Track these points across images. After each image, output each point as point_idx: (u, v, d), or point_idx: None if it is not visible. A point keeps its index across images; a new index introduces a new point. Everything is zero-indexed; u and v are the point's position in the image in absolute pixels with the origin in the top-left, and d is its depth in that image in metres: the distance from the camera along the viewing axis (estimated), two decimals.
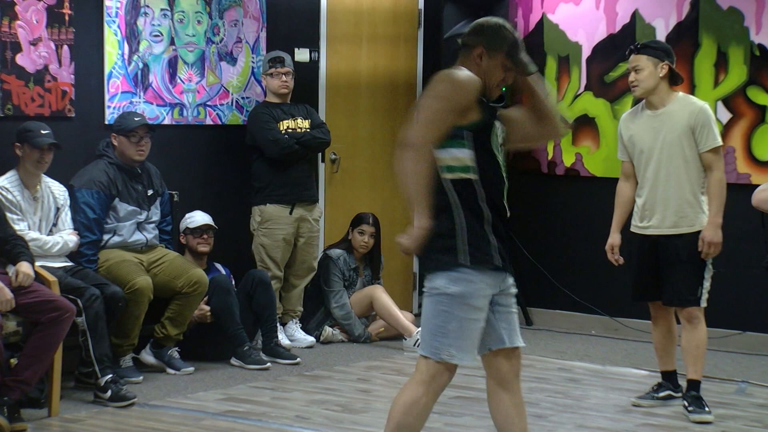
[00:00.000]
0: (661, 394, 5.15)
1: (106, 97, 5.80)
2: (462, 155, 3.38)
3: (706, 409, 4.90)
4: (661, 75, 4.94)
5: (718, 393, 5.35)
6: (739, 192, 6.39)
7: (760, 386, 5.57)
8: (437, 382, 3.46)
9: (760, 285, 5.80)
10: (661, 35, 6.59)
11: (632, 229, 5.09)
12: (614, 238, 5.15)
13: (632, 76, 4.97)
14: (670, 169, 4.94)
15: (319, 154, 6.69)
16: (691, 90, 6.46)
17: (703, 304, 4.94)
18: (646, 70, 4.93)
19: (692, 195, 4.93)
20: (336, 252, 6.54)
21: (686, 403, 4.95)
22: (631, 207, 5.10)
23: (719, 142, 4.93)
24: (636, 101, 5.20)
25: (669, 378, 5.17)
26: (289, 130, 6.25)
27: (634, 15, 6.72)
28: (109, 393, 5.00)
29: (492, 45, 3.45)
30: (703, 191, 4.94)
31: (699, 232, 4.92)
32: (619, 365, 6.05)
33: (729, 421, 4.91)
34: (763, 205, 3.27)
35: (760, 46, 6.34)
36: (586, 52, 6.89)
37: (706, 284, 4.93)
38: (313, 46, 6.77)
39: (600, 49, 6.85)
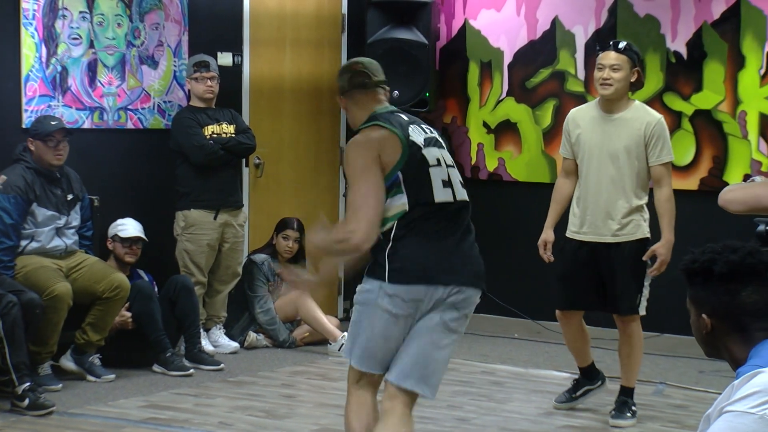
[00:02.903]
0: (579, 393, 5.13)
1: (23, 100, 5.69)
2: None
3: (628, 414, 4.91)
4: (632, 80, 4.87)
5: (637, 395, 5.42)
6: None
7: (677, 387, 5.68)
8: None
9: (678, 287, 5.91)
10: (580, 42, 6.69)
11: (569, 234, 4.97)
12: (548, 234, 5.00)
13: (606, 73, 4.83)
14: (617, 177, 4.84)
15: (243, 159, 6.65)
16: None
17: (642, 312, 4.90)
18: (623, 71, 4.83)
19: (636, 205, 4.85)
20: (260, 257, 6.51)
21: (613, 407, 4.97)
22: (568, 204, 5.00)
23: (672, 157, 4.87)
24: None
25: (586, 373, 5.11)
26: (214, 135, 6.20)
27: (554, 21, 6.82)
28: (26, 401, 4.91)
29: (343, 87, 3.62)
30: (645, 202, 4.87)
31: (639, 240, 4.86)
32: (541, 368, 6.12)
33: (647, 423, 5.00)
34: (729, 206, 3.32)
35: (676, 53, 6.48)
36: (507, 58, 6.97)
37: (645, 292, 4.89)
38: (236, 50, 6.74)
39: (521, 55, 6.93)
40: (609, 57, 4.86)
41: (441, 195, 3.48)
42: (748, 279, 2.20)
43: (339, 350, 6.30)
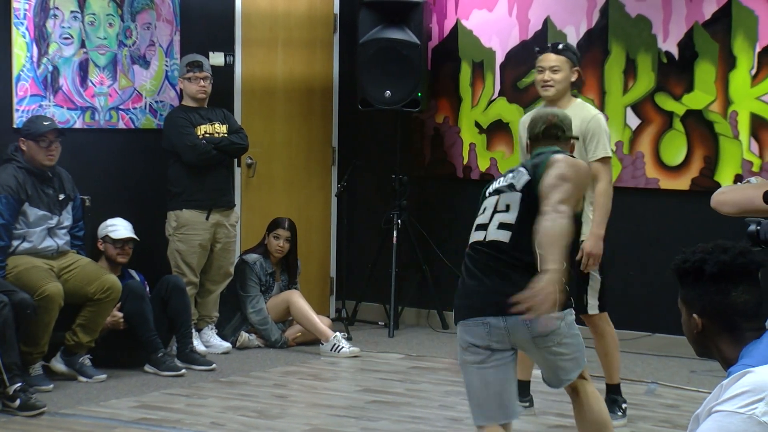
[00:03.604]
0: None
1: (15, 100, 5.69)
2: None
3: (619, 414, 4.90)
4: (572, 80, 4.92)
5: (628, 394, 5.43)
6: (647, 196, 6.55)
7: (669, 387, 5.69)
8: None
9: (669, 287, 5.90)
10: (572, 42, 6.68)
11: None
12: None
13: (547, 75, 4.86)
14: None
15: (235, 159, 6.65)
16: (602, 96, 6.58)
17: (593, 311, 4.85)
18: (563, 72, 4.87)
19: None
20: (252, 257, 6.51)
21: None
22: None
23: (608, 153, 4.85)
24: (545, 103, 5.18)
25: (521, 387, 5.06)
26: (207, 135, 6.20)
27: (546, 22, 6.82)
28: (18, 402, 4.90)
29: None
30: (591, 201, 4.81)
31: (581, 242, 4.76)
32: (534, 368, 6.12)
33: (639, 422, 5.00)
34: (720, 207, 3.33)
35: (668, 54, 6.50)
36: (499, 58, 6.97)
37: (592, 292, 4.83)
38: (228, 49, 6.73)
39: (513, 55, 6.93)
40: (548, 59, 4.91)
41: (474, 236, 3.74)
42: (739, 279, 2.20)
43: (331, 350, 6.30)
